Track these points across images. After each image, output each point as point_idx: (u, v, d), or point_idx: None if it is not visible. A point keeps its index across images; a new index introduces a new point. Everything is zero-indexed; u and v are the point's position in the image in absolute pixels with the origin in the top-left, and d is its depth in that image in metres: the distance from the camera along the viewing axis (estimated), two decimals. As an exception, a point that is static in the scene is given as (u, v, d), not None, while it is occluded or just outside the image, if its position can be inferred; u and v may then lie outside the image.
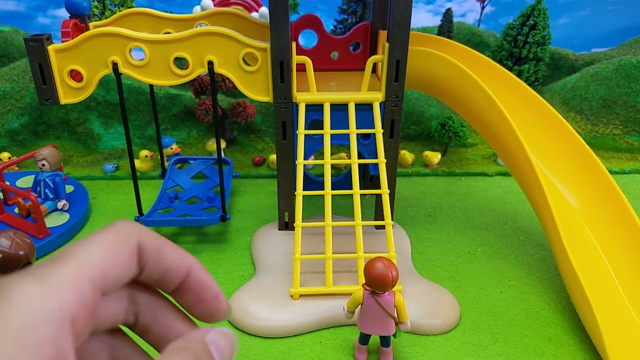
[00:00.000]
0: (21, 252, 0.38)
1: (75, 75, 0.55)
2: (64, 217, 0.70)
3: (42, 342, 0.18)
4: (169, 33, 0.65)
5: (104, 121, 0.94)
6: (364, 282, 0.44)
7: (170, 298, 0.24)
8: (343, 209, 0.74)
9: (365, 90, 0.58)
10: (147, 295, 0.26)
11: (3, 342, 0.17)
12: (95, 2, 0.97)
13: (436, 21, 1.05)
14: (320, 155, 0.79)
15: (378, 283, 0.42)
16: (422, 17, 1.09)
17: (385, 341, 0.46)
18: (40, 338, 0.18)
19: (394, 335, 0.45)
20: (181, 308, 0.24)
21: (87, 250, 0.21)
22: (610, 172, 0.78)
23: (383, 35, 0.64)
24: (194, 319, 0.24)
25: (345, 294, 0.52)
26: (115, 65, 0.54)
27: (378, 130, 0.57)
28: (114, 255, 0.22)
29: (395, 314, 0.44)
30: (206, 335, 0.24)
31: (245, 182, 0.87)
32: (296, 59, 0.56)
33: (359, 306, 0.45)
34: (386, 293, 0.44)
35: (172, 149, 0.88)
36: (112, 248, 0.22)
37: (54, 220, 0.69)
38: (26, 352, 0.18)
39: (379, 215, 0.64)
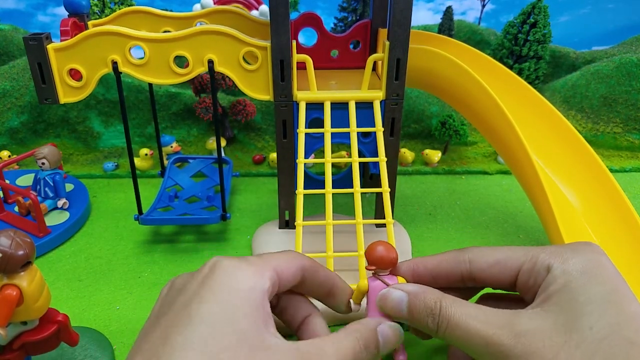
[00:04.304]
0: (21, 252, 0.38)
1: (75, 74, 0.55)
2: (64, 216, 0.70)
3: (256, 299, 0.33)
4: (168, 32, 0.65)
5: (104, 119, 0.94)
6: (366, 265, 0.44)
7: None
8: (343, 207, 0.74)
9: (366, 88, 0.58)
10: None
11: (234, 298, 0.32)
12: (95, 0, 0.97)
13: (436, 19, 1.05)
14: (320, 153, 0.79)
15: (380, 259, 0.43)
16: (422, 15, 1.09)
17: None
18: (255, 298, 0.33)
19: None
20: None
21: (276, 257, 0.37)
22: (611, 170, 0.78)
23: (383, 33, 0.64)
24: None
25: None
26: (115, 64, 0.54)
27: (378, 129, 0.57)
28: (288, 265, 0.37)
29: None
30: (378, 324, 0.39)
31: (246, 181, 0.87)
32: (296, 57, 0.56)
33: (365, 297, 0.46)
34: (387, 276, 0.44)
35: (172, 147, 0.87)
36: (288, 260, 0.38)
37: (53, 219, 0.69)
38: (248, 303, 0.32)
39: (380, 214, 0.64)
